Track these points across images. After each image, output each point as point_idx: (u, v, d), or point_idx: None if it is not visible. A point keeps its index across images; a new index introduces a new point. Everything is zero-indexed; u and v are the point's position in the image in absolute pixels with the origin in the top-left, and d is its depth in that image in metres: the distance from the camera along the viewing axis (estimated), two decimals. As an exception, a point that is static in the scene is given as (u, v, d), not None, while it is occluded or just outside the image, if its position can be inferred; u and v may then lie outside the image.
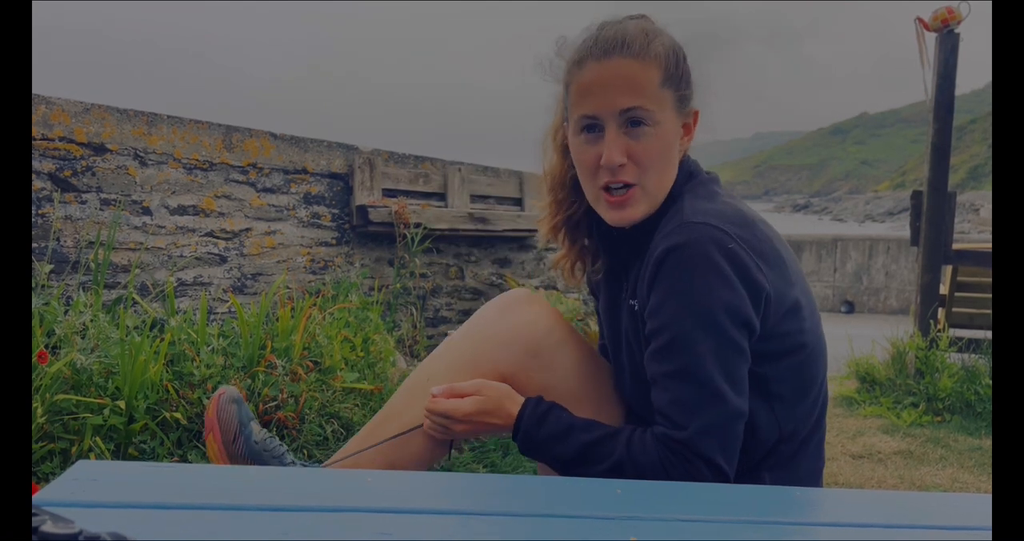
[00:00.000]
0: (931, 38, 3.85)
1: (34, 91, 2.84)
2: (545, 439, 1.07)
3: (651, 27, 1.10)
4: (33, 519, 0.46)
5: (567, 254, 1.27)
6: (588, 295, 3.63)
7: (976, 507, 0.82)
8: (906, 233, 4.45)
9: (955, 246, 3.98)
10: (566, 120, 1.15)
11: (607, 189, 1.09)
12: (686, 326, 0.99)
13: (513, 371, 1.18)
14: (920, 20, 3.79)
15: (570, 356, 1.22)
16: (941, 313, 4.21)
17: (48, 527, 0.45)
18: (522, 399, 1.12)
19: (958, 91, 3.87)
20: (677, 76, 1.09)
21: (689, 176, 1.14)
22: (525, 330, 1.19)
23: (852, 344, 4.13)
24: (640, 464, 1.01)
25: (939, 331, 3.86)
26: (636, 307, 1.10)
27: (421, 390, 1.19)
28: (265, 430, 1.35)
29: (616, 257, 1.20)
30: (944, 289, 4.21)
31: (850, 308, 8.73)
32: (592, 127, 1.08)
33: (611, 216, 1.11)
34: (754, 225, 1.05)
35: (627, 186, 1.08)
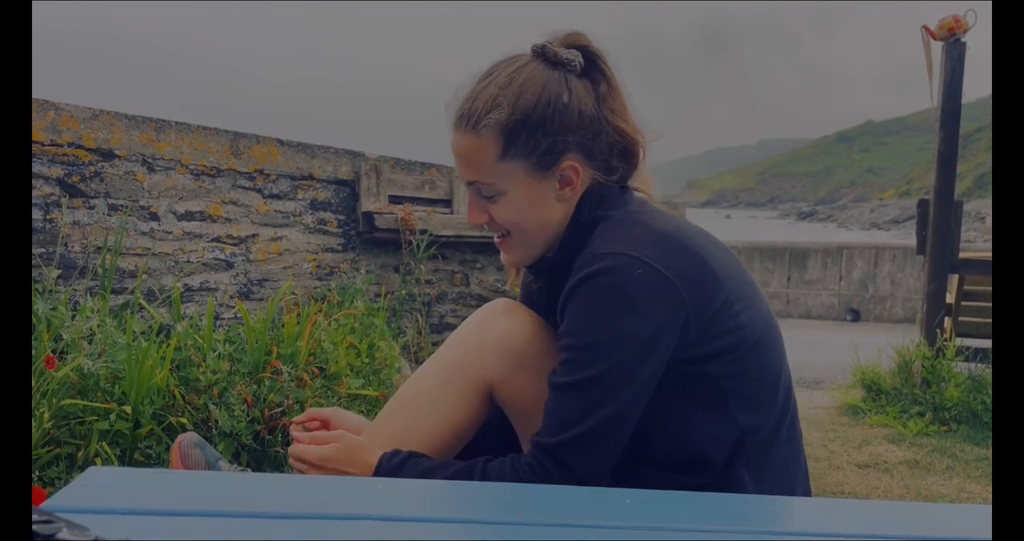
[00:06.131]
0: (937, 46, 3.84)
1: (35, 95, 2.85)
2: None
3: (507, 91, 1.08)
4: (48, 526, 0.46)
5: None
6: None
7: (976, 518, 0.81)
8: (912, 241, 4.44)
9: (961, 255, 3.97)
10: None
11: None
12: (584, 348, 1.03)
13: (501, 379, 1.17)
14: (926, 29, 3.79)
15: (555, 364, 1.22)
16: (948, 322, 4.19)
17: (64, 534, 0.45)
18: (379, 452, 1.13)
19: (964, 100, 3.86)
20: (526, 145, 1.08)
21: (596, 206, 1.13)
22: (510, 337, 1.19)
23: (858, 353, 4.11)
24: (493, 478, 1.05)
25: (946, 340, 3.85)
26: None
27: (408, 405, 1.19)
28: (234, 464, 1.35)
29: (546, 288, 1.23)
30: (950, 298, 4.19)
31: (856, 316, 8.71)
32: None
33: (502, 258, 1.20)
34: (667, 240, 1.05)
35: (506, 232, 1.15)
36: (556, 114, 1.09)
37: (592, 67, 1.14)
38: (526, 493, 0.84)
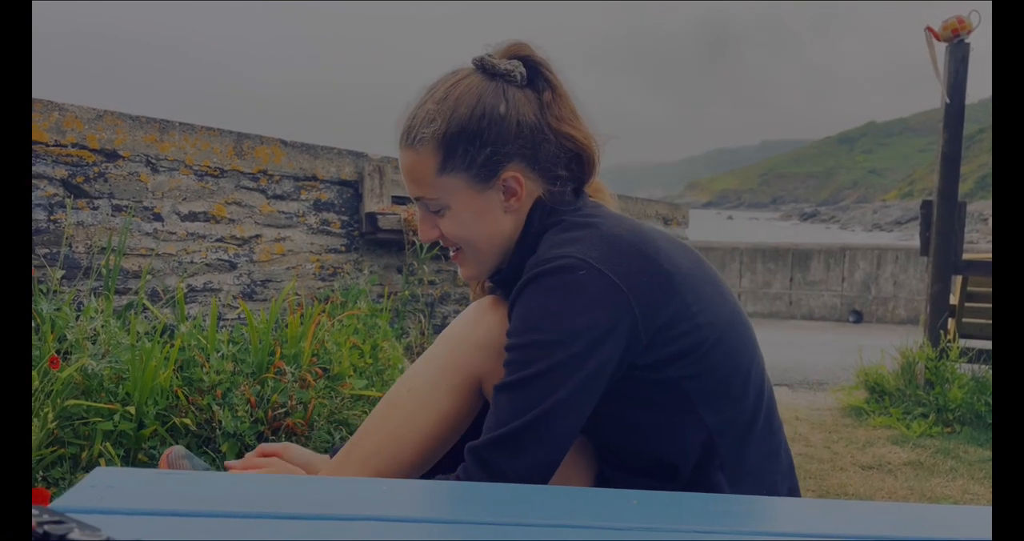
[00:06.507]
0: (940, 47, 3.84)
1: (35, 96, 2.86)
2: None
3: (443, 105, 1.09)
4: (60, 526, 0.46)
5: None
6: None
7: (975, 519, 0.81)
8: (914, 242, 4.45)
9: (965, 256, 3.96)
10: None
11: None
12: (523, 348, 1.02)
13: (490, 374, 1.16)
14: (930, 30, 3.79)
15: None
16: (951, 323, 4.19)
17: (75, 534, 0.46)
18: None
19: (967, 100, 3.86)
20: (464, 157, 1.09)
21: (547, 215, 1.13)
22: (499, 331, 1.16)
23: (861, 354, 4.11)
24: None
25: (949, 341, 3.85)
26: None
27: (401, 404, 1.18)
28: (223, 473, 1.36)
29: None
30: (954, 299, 4.19)
31: (858, 318, 8.70)
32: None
33: (459, 273, 1.22)
34: (617, 242, 1.04)
35: (459, 247, 1.17)
36: (492, 125, 1.09)
37: (535, 76, 1.14)
38: (527, 493, 0.85)
